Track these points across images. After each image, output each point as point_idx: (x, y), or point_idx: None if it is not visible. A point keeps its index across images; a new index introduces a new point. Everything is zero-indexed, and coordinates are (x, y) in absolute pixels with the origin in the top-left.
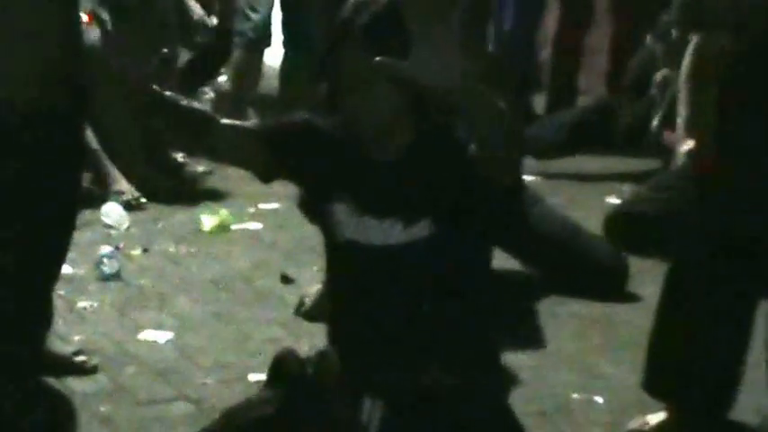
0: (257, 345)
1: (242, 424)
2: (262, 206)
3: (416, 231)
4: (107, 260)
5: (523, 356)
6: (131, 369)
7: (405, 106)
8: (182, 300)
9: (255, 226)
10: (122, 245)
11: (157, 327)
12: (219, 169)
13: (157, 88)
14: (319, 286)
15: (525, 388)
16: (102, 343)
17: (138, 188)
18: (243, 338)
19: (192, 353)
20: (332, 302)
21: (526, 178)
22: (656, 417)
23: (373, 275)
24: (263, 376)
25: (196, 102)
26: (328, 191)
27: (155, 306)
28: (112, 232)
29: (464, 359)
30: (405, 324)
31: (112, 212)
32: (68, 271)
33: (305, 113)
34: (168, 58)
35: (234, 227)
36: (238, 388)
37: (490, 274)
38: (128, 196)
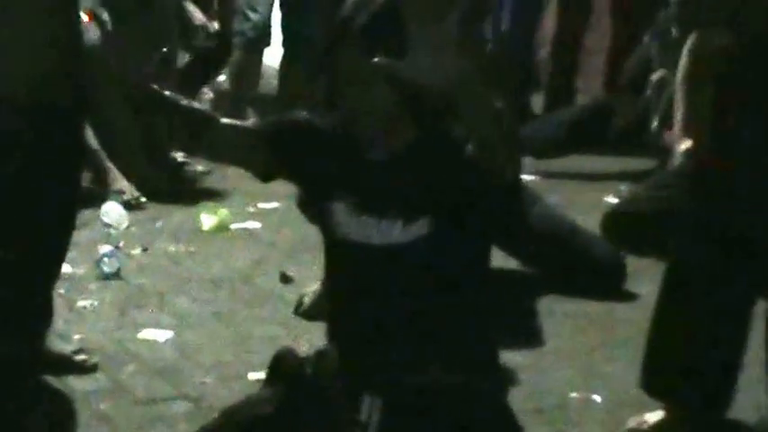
0: (256, 343)
1: (241, 422)
2: (261, 205)
3: (415, 231)
4: (107, 259)
5: (522, 355)
6: (131, 368)
7: (403, 106)
8: (181, 299)
9: (255, 225)
10: (122, 244)
11: (157, 326)
12: (219, 169)
13: (157, 88)
14: (318, 285)
15: (524, 386)
16: (101, 342)
17: (138, 187)
18: (242, 337)
19: (192, 351)
20: (331, 301)
21: (525, 178)
22: (655, 415)
23: (372, 275)
24: (263, 375)
25: (195, 101)
26: (327, 190)
27: (154, 305)
28: (112, 231)
29: (463, 358)
30: (403, 323)
31: (112, 212)
32: (68, 270)
33: (304, 113)
34: (168, 58)
35: (233, 226)
36: (238, 386)
37: (489, 273)
38: (127, 196)
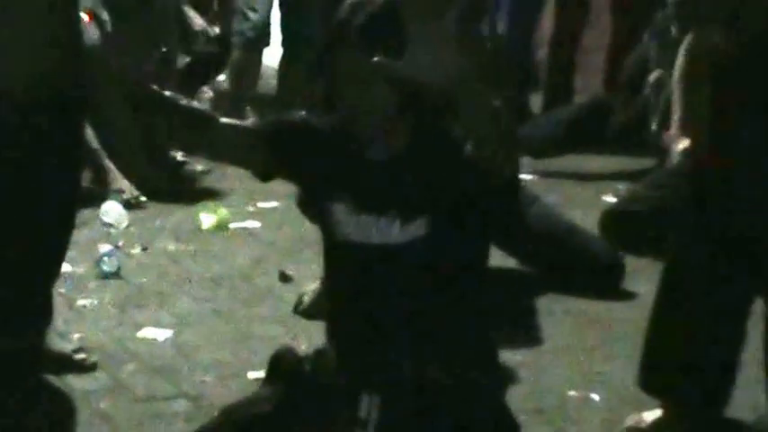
0: (256, 342)
1: (240, 421)
2: (260, 205)
3: (414, 230)
4: (107, 258)
5: (521, 354)
6: (131, 366)
7: (401, 106)
8: (181, 298)
9: (254, 224)
10: (122, 243)
11: (156, 324)
12: (218, 168)
13: (157, 88)
14: (317, 284)
15: (522, 385)
16: (101, 340)
17: (138, 187)
18: (241, 336)
19: (191, 350)
20: (330, 300)
21: (523, 177)
22: (653, 414)
23: (371, 274)
24: (262, 374)
25: (195, 101)
26: (326, 190)
27: (154, 304)
28: (112, 231)
29: (462, 357)
30: (402, 322)
31: (112, 211)
32: (68, 269)
33: (303, 113)
34: (168, 58)
35: (233, 225)
36: (237, 385)
37: (487, 273)
38: (127, 195)
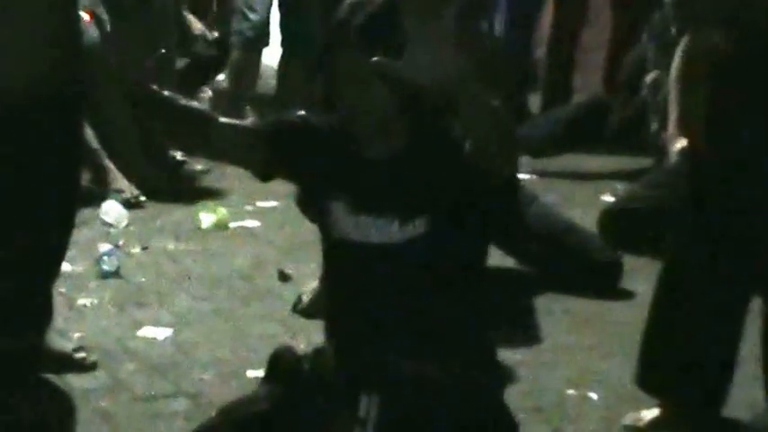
0: (255, 341)
1: (239, 419)
2: (260, 204)
3: (413, 229)
4: (106, 258)
5: (519, 353)
6: (130, 365)
7: (401, 105)
8: (180, 297)
9: (253, 224)
10: (121, 242)
11: (156, 323)
12: (218, 167)
13: (156, 87)
14: (316, 283)
15: (521, 384)
16: (101, 339)
17: (138, 186)
18: (240, 335)
19: (191, 349)
20: (329, 300)
21: (522, 176)
22: (651, 412)
23: (370, 273)
24: (261, 372)
25: (194, 101)
26: (325, 189)
27: (153, 303)
28: (112, 230)
29: (461, 356)
30: (401, 321)
31: (112, 210)
32: (68, 268)
33: (302, 112)
34: (167, 58)
35: (232, 224)
36: (236, 384)
37: (486, 272)
38: (127, 194)
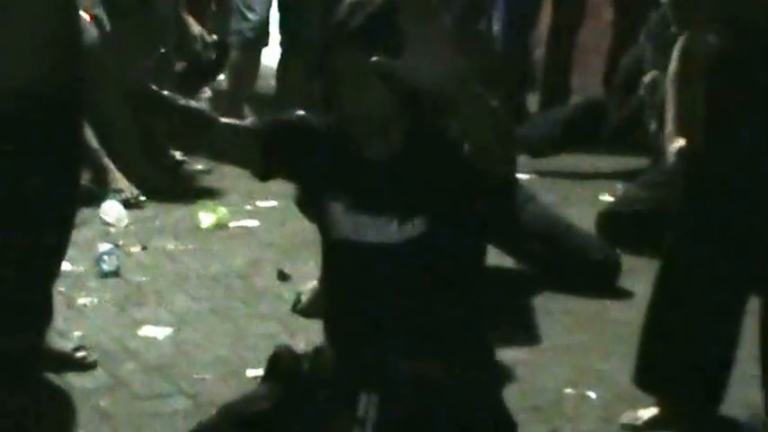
0: (254, 341)
1: (239, 418)
2: (259, 204)
3: (411, 229)
4: (106, 257)
5: (518, 352)
6: (130, 364)
7: (399, 105)
8: (180, 296)
9: (252, 223)
10: (121, 242)
11: (156, 323)
12: (217, 167)
13: (156, 88)
14: (315, 283)
15: (519, 383)
16: (101, 339)
17: (137, 186)
18: (240, 334)
19: (190, 348)
20: (328, 299)
21: (520, 176)
22: (648, 411)
23: (369, 273)
24: (260, 372)
25: (194, 101)
26: (324, 189)
27: (153, 302)
28: (111, 230)
29: (459, 355)
30: (400, 321)
31: (112, 210)
32: (68, 268)
33: (301, 113)
34: (167, 58)
35: (231, 224)
36: (235, 383)
37: (484, 272)
38: (127, 194)
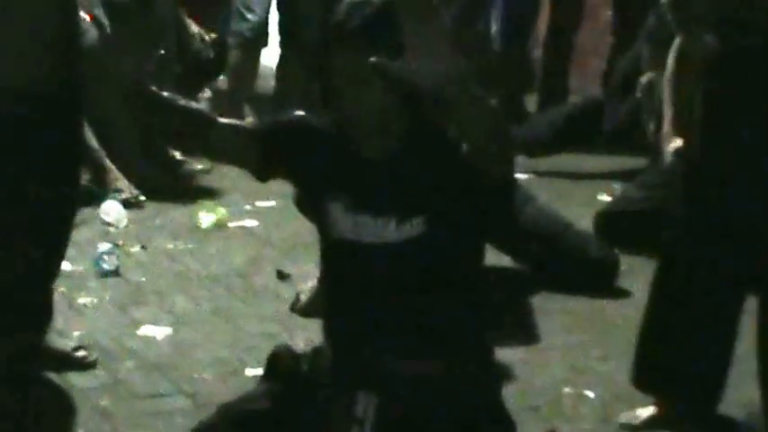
0: (253, 340)
1: (238, 418)
2: (258, 203)
3: (410, 229)
4: (106, 257)
5: (516, 352)
6: (130, 364)
7: (398, 105)
8: (179, 296)
9: (252, 223)
10: (121, 242)
11: (155, 322)
12: (217, 167)
13: (155, 88)
14: (314, 283)
15: (518, 382)
16: (101, 338)
17: (137, 186)
18: (239, 334)
19: (189, 348)
20: (327, 299)
21: (518, 176)
22: (646, 411)
23: (367, 273)
24: (260, 371)
25: (193, 102)
26: (323, 189)
27: (153, 302)
28: (111, 229)
29: (458, 355)
30: (398, 320)
31: (111, 210)
32: (68, 268)
33: (300, 113)
34: (166, 58)
35: (231, 224)
36: (235, 382)
37: (482, 271)
38: (126, 194)
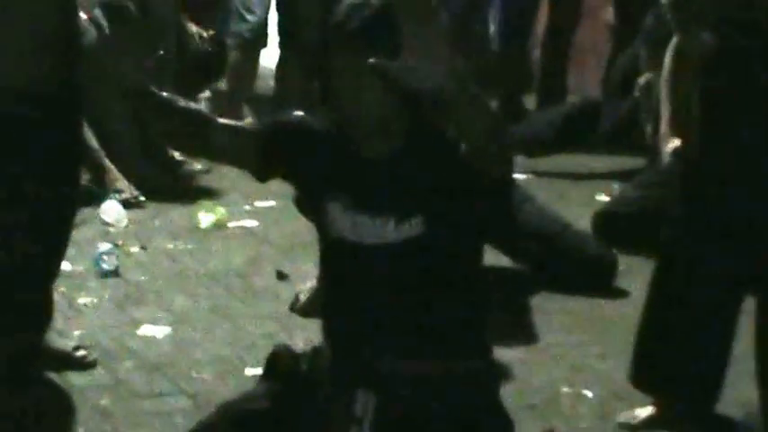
0: (253, 340)
1: (237, 417)
2: (257, 203)
3: (409, 229)
4: (106, 257)
5: (514, 351)
6: (129, 363)
7: (397, 106)
8: (179, 295)
9: (251, 223)
10: (121, 242)
11: (155, 322)
12: (216, 167)
13: (155, 89)
14: (314, 283)
15: (516, 382)
16: (100, 338)
17: (137, 186)
18: (238, 333)
19: (189, 347)
20: (326, 299)
21: (517, 176)
22: (644, 410)
23: (366, 273)
24: (259, 371)
25: (193, 102)
26: (322, 190)
27: (152, 302)
28: (111, 229)
29: (456, 354)
30: (397, 320)
31: (111, 210)
32: (68, 268)
33: (300, 113)
34: (166, 60)
35: (230, 224)
36: (234, 382)
37: (481, 271)
38: (126, 194)
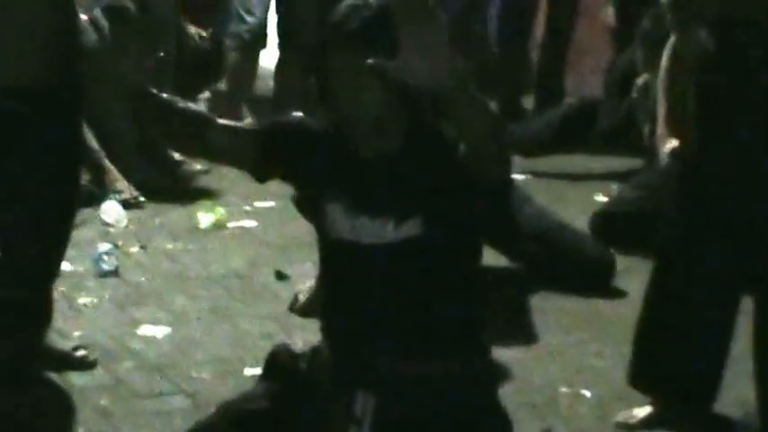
0: (252, 340)
1: (237, 417)
2: (257, 204)
3: (408, 230)
4: (106, 257)
5: (513, 351)
6: (129, 363)
7: (396, 106)
8: (178, 296)
9: (251, 223)
10: (120, 242)
11: (154, 322)
12: (215, 168)
13: (155, 90)
14: (313, 283)
15: (514, 382)
16: (100, 338)
17: (137, 187)
18: (238, 334)
19: (189, 348)
20: (325, 299)
21: (515, 176)
22: (643, 410)
23: (366, 273)
24: (258, 371)
25: (192, 103)
26: (321, 190)
27: (152, 302)
28: (111, 230)
29: (455, 354)
30: (396, 320)
31: (111, 210)
32: (68, 268)
33: (299, 114)
34: (165, 61)
35: (230, 224)
36: (233, 382)
37: (480, 272)
38: (126, 195)
